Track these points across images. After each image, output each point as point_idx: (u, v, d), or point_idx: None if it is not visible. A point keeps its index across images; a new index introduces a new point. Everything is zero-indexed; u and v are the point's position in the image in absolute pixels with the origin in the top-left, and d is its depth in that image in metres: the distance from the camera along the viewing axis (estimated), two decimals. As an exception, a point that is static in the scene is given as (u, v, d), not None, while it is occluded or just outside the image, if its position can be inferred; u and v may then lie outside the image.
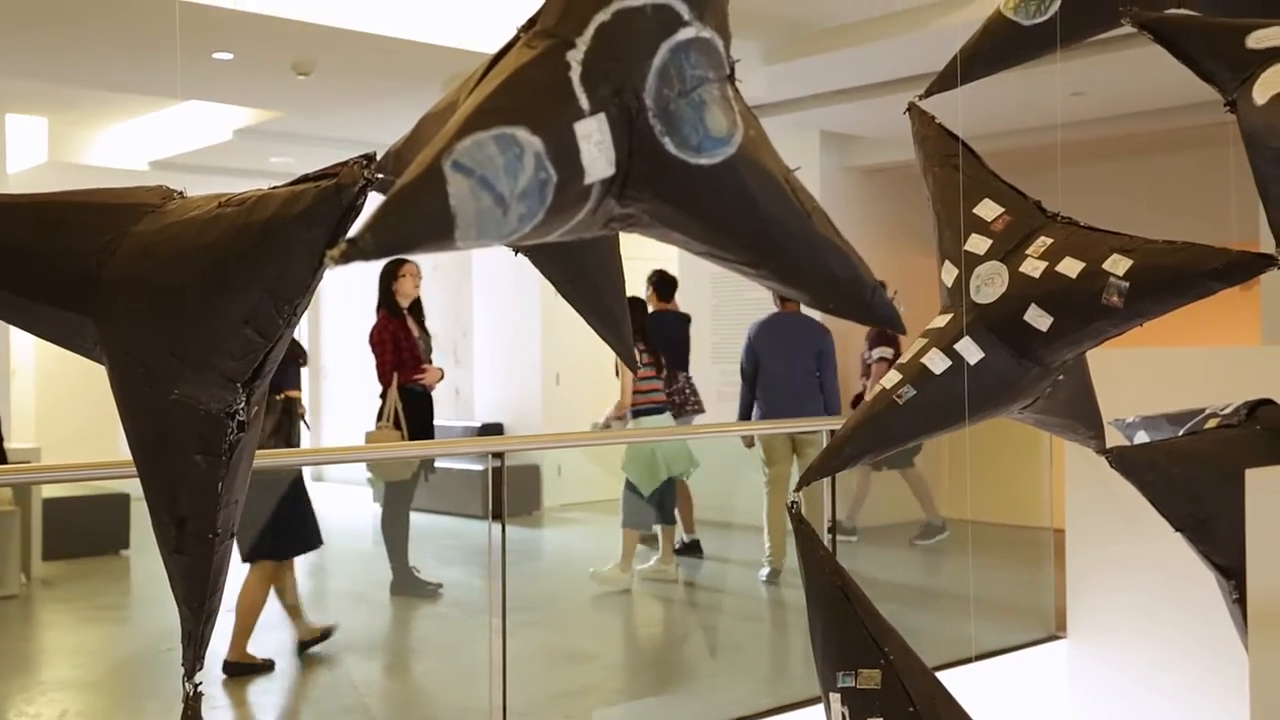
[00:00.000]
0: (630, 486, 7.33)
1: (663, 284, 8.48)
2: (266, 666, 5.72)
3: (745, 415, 7.80)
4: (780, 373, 7.53)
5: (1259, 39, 1.96)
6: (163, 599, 1.75)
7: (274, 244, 1.57)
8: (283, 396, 5.81)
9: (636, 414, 7.42)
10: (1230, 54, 1.98)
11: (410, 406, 7.05)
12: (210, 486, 1.63)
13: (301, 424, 5.99)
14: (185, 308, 1.60)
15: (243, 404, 1.64)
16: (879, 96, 8.04)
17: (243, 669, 5.59)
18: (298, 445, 6.10)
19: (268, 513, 5.72)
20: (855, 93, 8.27)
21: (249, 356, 1.62)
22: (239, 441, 1.66)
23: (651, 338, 7.59)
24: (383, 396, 7.11)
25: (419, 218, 1.17)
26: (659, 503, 7.41)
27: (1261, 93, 1.89)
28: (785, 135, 9.00)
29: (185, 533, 1.65)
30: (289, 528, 5.88)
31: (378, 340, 7.09)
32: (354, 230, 1.16)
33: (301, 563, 6.41)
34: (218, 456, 1.63)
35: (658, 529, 7.60)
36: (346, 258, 1.13)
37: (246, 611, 5.62)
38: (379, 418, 7.06)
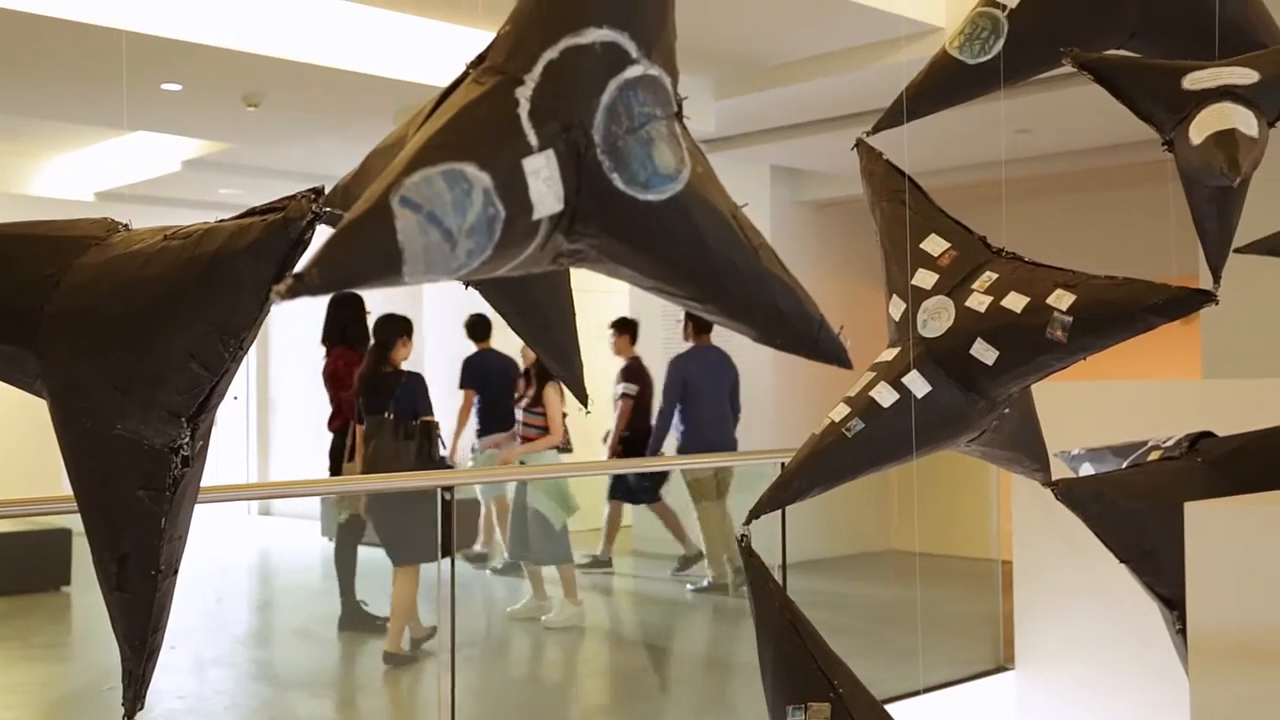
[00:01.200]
0: (539, 519, 7.28)
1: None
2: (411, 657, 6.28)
3: (659, 442, 8.07)
4: (708, 403, 8.00)
5: (1194, 80, 2.01)
6: (104, 637, 1.72)
7: (220, 278, 1.56)
8: (420, 422, 6.40)
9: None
10: (1167, 95, 2.03)
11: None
12: (153, 522, 1.61)
13: (440, 443, 6.55)
14: (129, 342, 1.58)
15: (187, 439, 1.63)
16: (828, 132, 8.13)
17: (400, 659, 6.23)
18: (437, 465, 6.53)
19: (414, 521, 6.08)
20: (805, 128, 8.35)
21: (194, 391, 1.61)
22: (183, 477, 1.64)
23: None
24: (341, 431, 7.04)
25: (366, 253, 1.17)
26: (561, 540, 7.34)
27: (1198, 133, 1.93)
28: (736, 170, 9.07)
29: (127, 569, 1.62)
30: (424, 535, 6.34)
31: (344, 374, 7.01)
32: (301, 265, 1.15)
33: (250, 598, 6.35)
34: (161, 492, 1.61)
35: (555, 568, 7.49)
36: (293, 293, 1.12)
37: (405, 609, 6.22)
38: (348, 455, 6.96)
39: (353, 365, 7.04)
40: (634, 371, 8.31)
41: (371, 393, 6.51)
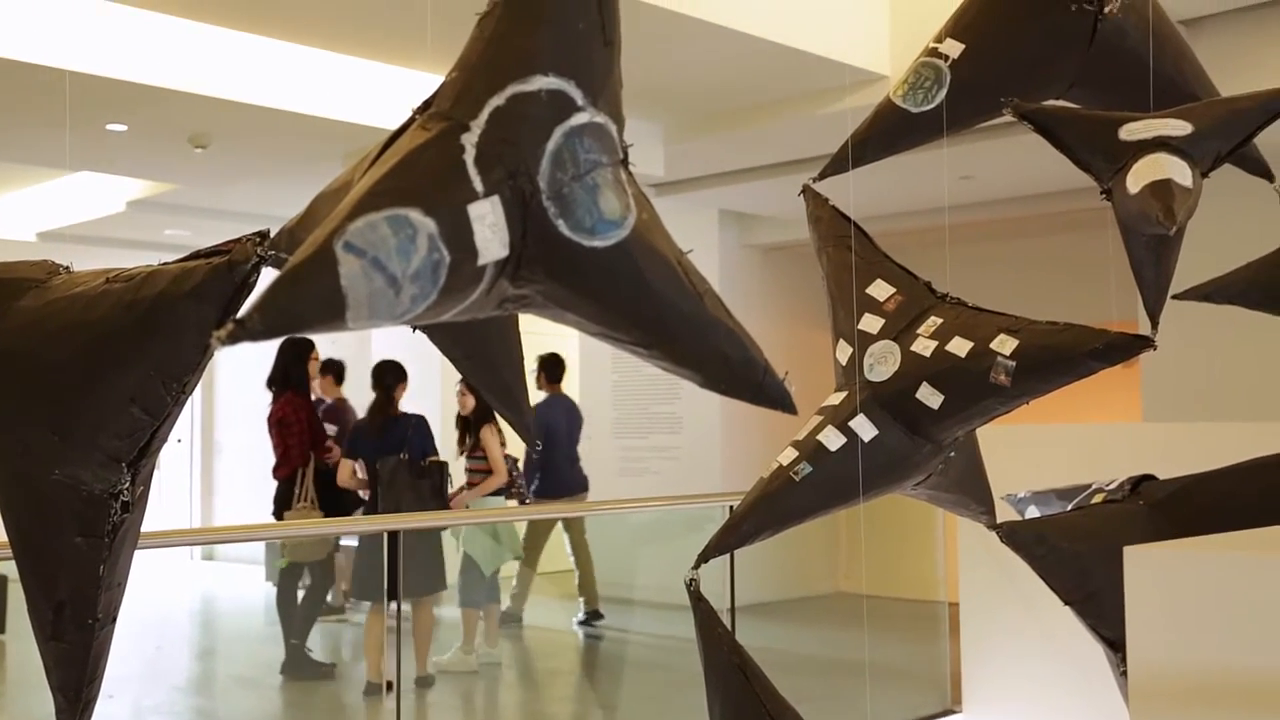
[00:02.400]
0: (470, 564, 7.26)
1: None
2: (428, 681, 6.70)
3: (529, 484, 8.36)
4: (563, 447, 8.49)
5: (1130, 131, 2.05)
6: (39, 687, 1.68)
7: (163, 321, 1.55)
8: (429, 462, 6.69)
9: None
10: (1104, 145, 2.07)
11: (323, 486, 6.97)
12: (91, 570, 1.58)
13: (449, 481, 6.87)
14: (69, 386, 1.56)
15: (127, 484, 1.60)
16: (776, 177, 8.21)
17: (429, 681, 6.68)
18: (446, 502, 6.82)
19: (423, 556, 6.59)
20: (753, 173, 8.43)
21: (135, 435, 1.59)
22: (123, 523, 1.61)
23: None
24: (289, 478, 6.96)
25: (309, 298, 1.16)
26: (491, 582, 7.38)
27: (1134, 182, 1.97)
28: (685, 213, 9.13)
29: (63, 618, 1.59)
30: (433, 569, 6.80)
31: (292, 419, 6.97)
32: (243, 310, 1.14)
33: (191, 645, 6.26)
34: (100, 538, 1.59)
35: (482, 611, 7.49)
36: (234, 338, 1.11)
37: (378, 646, 6.47)
38: (297, 499, 6.93)
39: (300, 410, 6.99)
40: (334, 412, 8.35)
41: (384, 435, 6.76)
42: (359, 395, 7.88)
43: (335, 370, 8.51)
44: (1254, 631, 1.44)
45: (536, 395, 8.38)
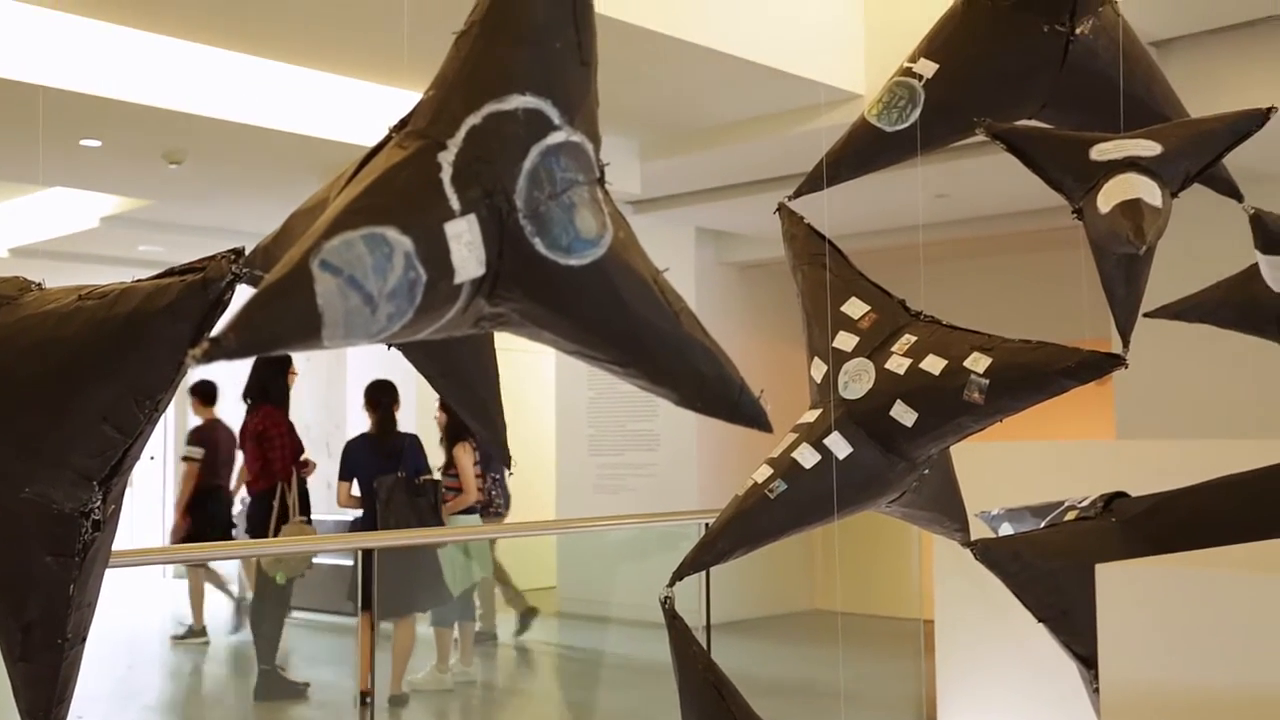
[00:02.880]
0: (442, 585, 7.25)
1: None
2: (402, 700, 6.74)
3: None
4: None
5: (1101, 151, 2.07)
6: (7, 709, 1.67)
7: (136, 339, 1.54)
8: (423, 480, 6.79)
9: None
10: (1075, 165, 2.09)
11: (302, 500, 6.98)
12: (61, 590, 1.57)
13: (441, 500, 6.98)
14: (40, 403, 1.55)
15: (98, 503, 1.59)
16: (752, 195, 8.24)
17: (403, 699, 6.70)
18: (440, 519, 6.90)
19: (412, 574, 6.74)
20: (729, 191, 8.46)
21: (107, 454, 1.58)
22: (94, 542, 1.60)
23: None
24: (268, 492, 6.92)
25: (285, 317, 1.16)
26: (464, 601, 7.38)
27: (1105, 202, 1.99)
28: (661, 231, 9.15)
29: (32, 639, 1.58)
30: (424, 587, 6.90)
31: (273, 433, 6.95)
32: (218, 328, 1.14)
33: (163, 665, 6.20)
34: (70, 558, 1.57)
35: (457, 627, 7.48)
36: (209, 356, 1.11)
37: (404, 657, 6.72)
38: (289, 513, 6.91)
39: (280, 425, 6.97)
40: (202, 434, 8.39)
41: (380, 454, 6.83)
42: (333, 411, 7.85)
43: (203, 392, 8.51)
44: (1225, 648, 1.45)
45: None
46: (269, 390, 7.03)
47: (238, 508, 9.23)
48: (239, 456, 8.52)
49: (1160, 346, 4.79)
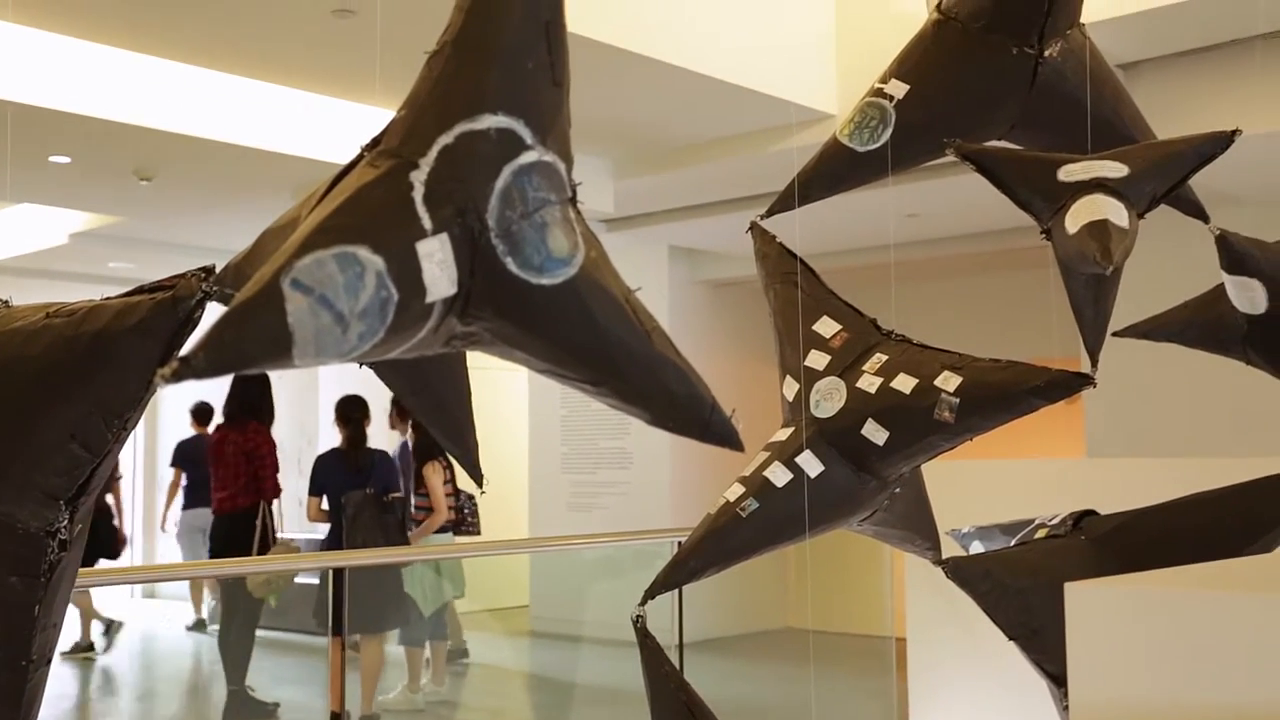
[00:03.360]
0: (409, 604, 7.20)
1: None
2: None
3: None
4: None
5: (1069, 173, 2.09)
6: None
7: (105, 357, 1.53)
8: (391, 498, 6.76)
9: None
10: (1043, 186, 2.11)
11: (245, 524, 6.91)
12: (26, 610, 1.55)
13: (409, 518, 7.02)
14: (5, 421, 1.53)
15: (65, 522, 1.57)
16: (725, 213, 8.27)
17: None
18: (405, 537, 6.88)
19: (380, 593, 6.73)
20: (702, 209, 8.48)
21: (74, 472, 1.56)
22: (60, 561, 1.58)
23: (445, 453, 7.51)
24: (253, 509, 6.86)
25: (255, 336, 1.15)
26: (436, 620, 7.33)
27: (1073, 223, 2.01)
28: (635, 249, 9.17)
29: (-4, 660, 1.56)
30: (391, 606, 6.87)
31: (265, 451, 6.91)
32: (187, 347, 1.13)
33: (130, 686, 6.13)
34: (36, 578, 1.56)
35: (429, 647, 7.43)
36: (178, 376, 1.10)
37: (373, 676, 6.70)
38: (270, 533, 6.86)
39: (268, 443, 6.93)
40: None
41: (350, 470, 6.80)
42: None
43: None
44: (1194, 666, 1.47)
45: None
46: (262, 408, 6.98)
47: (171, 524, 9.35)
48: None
49: (1129, 365, 4.83)
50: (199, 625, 10.11)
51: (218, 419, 7.53)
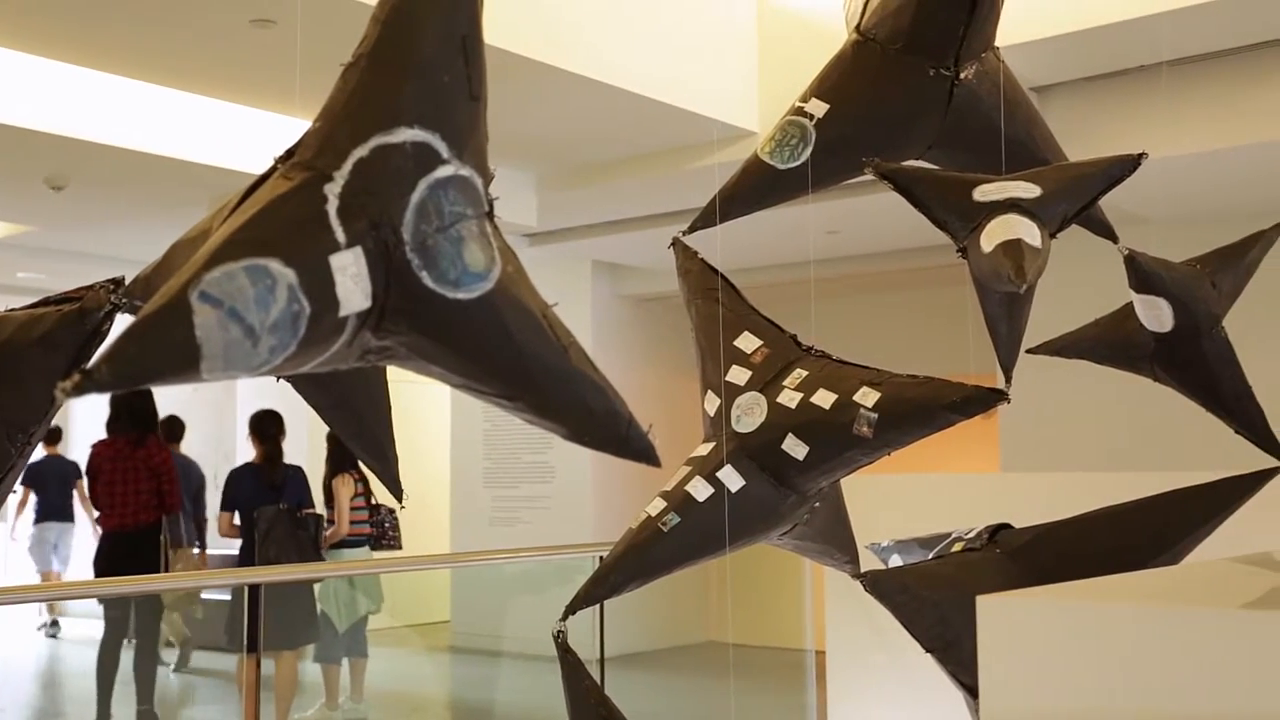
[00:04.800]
0: (324, 620, 7.10)
1: None
2: None
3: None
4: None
5: (984, 192, 2.13)
6: None
7: (9, 369, 1.49)
8: (306, 513, 6.70)
9: (338, 545, 7.23)
10: (959, 205, 2.14)
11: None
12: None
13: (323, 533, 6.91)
14: (-97, 437, 1.48)
15: (-35, 539, 1.53)
16: (648, 228, 8.29)
17: None
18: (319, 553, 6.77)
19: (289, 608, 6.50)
20: (625, 224, 8.50)
21: (-26, 488, 1.52)
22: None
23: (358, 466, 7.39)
24: (157, 525, 6.73)
25: (162, 349, 1.13)
26: (353, 636, 7.22)
27: (988, 241, 2.04)
28: (558, 263, 9.16)
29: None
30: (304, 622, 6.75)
31: (171, 465, 6.88)
32: (92, 360, 1.10)
33: (34, 708, 5.96)
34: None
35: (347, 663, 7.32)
36: (80, 389, 1.07)
37: (288, 694, 6.60)
38: (184, 543, 6.77)
39: (169, 458, 6.86)
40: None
41: (267, 485, 6.73)
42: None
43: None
44: (1105, 679, 1.49)
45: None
46: (150, 420, 6.86)
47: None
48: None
49: (1042, 382, 4.92)
50: (54, 626, 10.19)
51: (98, 434, 7.26)
